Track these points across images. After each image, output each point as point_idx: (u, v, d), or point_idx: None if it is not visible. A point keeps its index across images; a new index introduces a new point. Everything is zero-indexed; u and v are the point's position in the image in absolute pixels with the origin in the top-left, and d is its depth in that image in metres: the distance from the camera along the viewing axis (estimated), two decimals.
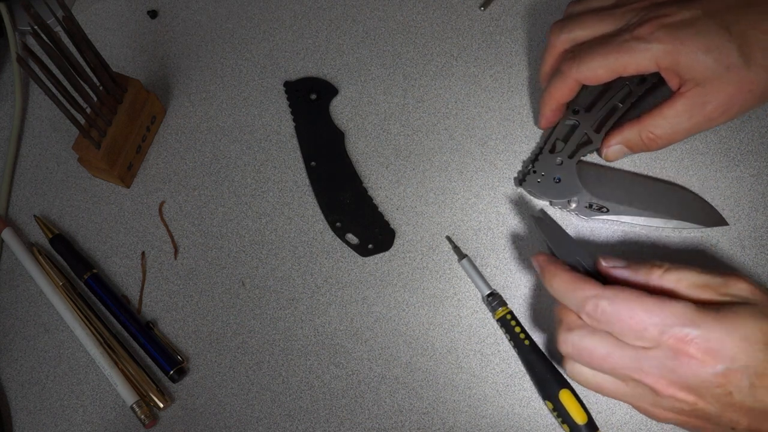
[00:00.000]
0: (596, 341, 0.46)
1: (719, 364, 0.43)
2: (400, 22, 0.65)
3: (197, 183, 0.61)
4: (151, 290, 0.59)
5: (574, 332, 0.46)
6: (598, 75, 0.52)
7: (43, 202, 0.62)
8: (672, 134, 0.52)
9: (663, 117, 0.52)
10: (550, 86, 0.55)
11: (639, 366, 0.45)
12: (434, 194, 0.60)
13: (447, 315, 0.57)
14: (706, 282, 0.46)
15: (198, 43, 0.65)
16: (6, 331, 0.59)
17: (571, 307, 0.47)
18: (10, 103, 0.65)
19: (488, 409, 0.55)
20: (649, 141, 0.53)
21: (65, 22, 0.51)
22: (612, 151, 0.56)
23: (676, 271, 0.47)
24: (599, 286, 0.46)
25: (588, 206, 0.57)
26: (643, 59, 0.50)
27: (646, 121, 0.53)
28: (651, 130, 0.53)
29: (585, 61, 0.52)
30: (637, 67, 0.51)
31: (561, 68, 0.54)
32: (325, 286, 0.58)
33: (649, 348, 0.44)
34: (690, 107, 0.51)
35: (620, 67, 0.51)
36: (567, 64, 0.53)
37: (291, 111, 0.63)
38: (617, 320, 0.45)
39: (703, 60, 0.49)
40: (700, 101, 0.50)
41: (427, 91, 0.62)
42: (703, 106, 0.50)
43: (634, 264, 0.48)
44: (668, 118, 0.52)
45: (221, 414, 0.56)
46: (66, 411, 0.57)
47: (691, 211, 0.57)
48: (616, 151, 0.55)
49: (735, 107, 0.50)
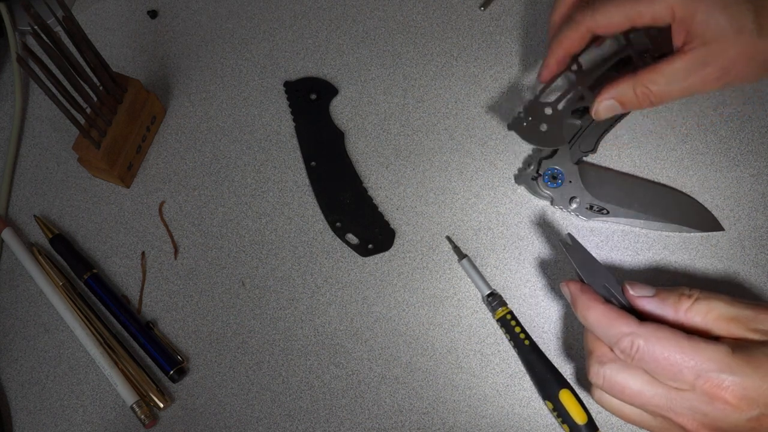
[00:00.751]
0: (629, 377, 0.45)
1: (754, 410, 0.43)
2: (400, 22, 0.65)
3: (197, 183, 0.61)
4: (151, 290, 0.59)
5: (607, 366, 0.46)
6: (613, 23, 0.50)
7: (43, 202, 0.62)
8: (666, 92, 0.51)
9: (660, 73, 0.50)
10: (560, 34, 0.53)
11: (671, 406, 0.44)
12: (434, 194, 0.60)
13: (447, 315, 0.57)
14: (735, 315, 0.45)
15: (198, 43, 0.65)
16: (6, 331, 0.59)
17: (605, 341, 0.46)
18: (10, 103, 0.65)
19: (488, 409, 0.55)
20: (642, 96, 0.51)
21: (65, 22, 0.51)
22: (603, 107, 0.53)
23: (706, 301, 0.46)
24: (635, 322, 0.45)
25: (588, 207, 0.57)
26: (659, 7, 0.49)
27: (643, 75, 0.51)
28: (646, 84, 0.51)
29: (600, 8, 0.50)
30: (652, 15, 0.49)
31: (574, 16, 0.52)
32: (325, 286, 0.58)
33: (683, 390, 0.44)
34: (689, 66, 0.49)
35: (636, 15, 0.49)
36: (581, 12, 0.51)
37: (291, 111, 0.63)
38: (652, 360, 0.44)
39: (718, 18, 0.48)
40: (701, 61, 0.49)
41: (427, 91, 0.62)
42: (703, 67, 0.49)
43: (663, 292, 0.47)
44: (665, 75, 0.50)
45: (221, 414, 0.56)
46: (66, 411, 0.57)
47: (689, 215, 0.57)
48: (608, 107, 0.53)
49: (732, 74, 0.49)
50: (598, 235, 0.58)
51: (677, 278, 0.56)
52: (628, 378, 0.45)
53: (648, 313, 0.47)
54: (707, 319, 0.46)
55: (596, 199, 0.57)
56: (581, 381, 0.55)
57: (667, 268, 0.57)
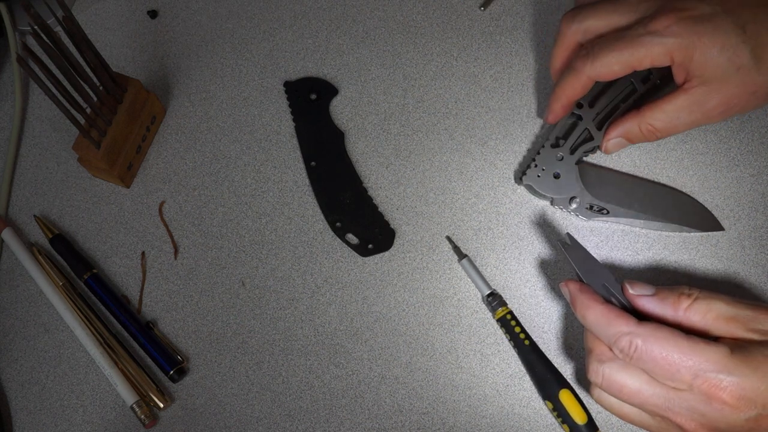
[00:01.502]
0: (628, 376, 0.45)
1: (752, 411, 0.43)
2: (400, 22, 0.65)
3: (197, 183, 0.61)
4: (151, 290, 0.59)
5: (606, 365, 0.46)
6: (613, 71, 0.51)
7: (43, 202, 0.62)
8: (670, 128, 0.52)
9: (663, 111, 0.51)
10: (562, 82, 0.54)
11: (669, 405, 0.44)
12: (434, 194, 0.60)
13: (447, 315, 0.57)
14: (734, 314, 0.45)
15: (198, 43, 0.65)
16: (6, 331, 0.59)
17: (603, 340, 0.47)
18: (10, 103, 0.65)
19: (488, 409, 0.55)
20: (648, 133, 0.53)
21: (65, 22, 0.51)
22: (612, 144, 0.55)
23: (705, 301, 0.46)
24: (633, 322, 0.45)
25: (588, 207, 0.57)
26: (658, 53, 0.49)
27: (646, 113, 0.52)
28: (650, 122, 0.52)
29: (599, 57, 0.51)
30: (652, 61, 0.50)
31: (574, 65, 0.52)
32: (325, 286, 0.58)
33: (681, 390, 0.44)
34: (691, 103, 0.50)
35: (635, 62, 0.50)
36: (581, 61, 0.52)
37: (291, 111, 0.63)
38: (650, 359, 0.44)
39: (716, 58, 0.48)
40: (702, 99, 0.50)
41: (427, 91, 0.62)
42: (704, 104, 0.50)
43: (662, 291, 0.47)
44: (668, 113, 0.51)
45: (221, 414, 0.56)
46: (66, 411, 0.57)
47: (689, 215, 0.57)
48: (616, 143, 0.55)
49: (735, 108, 0.50)
50: (598, 235, 0.58)
51: (677, 278, 0.56)
52: (626, 377, 0.45)
53: (647, 312, 0.47)
54: (706, 318, 0.46)
55: (596, 199, 0.57)
56: (581, 381, 0.55)
57: (667, 268, 0.57)
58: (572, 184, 0.57)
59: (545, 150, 0.58)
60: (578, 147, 0.58)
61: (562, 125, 0.58)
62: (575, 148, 0.58)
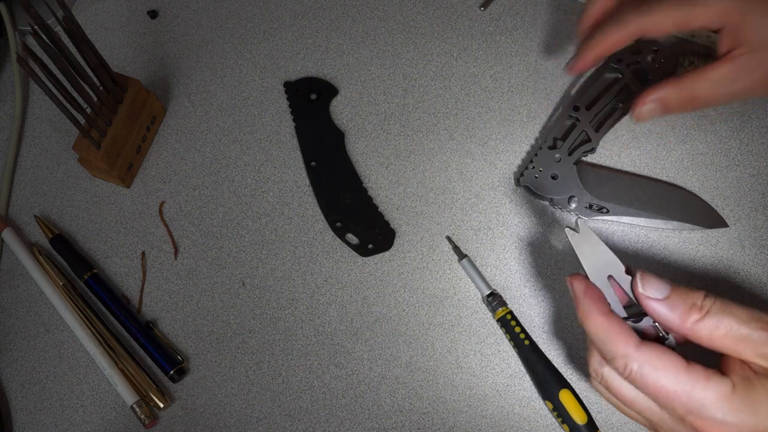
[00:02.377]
0: (624, 385, 0.44)
1: None
2: (400, 22, 0.65)
3: (197, 183, 0.61)
4: (151, 290, 0.59)
5: (606, 368, 0.45)
6: (664, 25, 0.49)
7: (43, 202, 0.62)
8: (710, 97, 0.50)
9: (705, 78, 0.49)
10: (603, 31, 0.51)
11: (661, 424, 0.44)
12: (434, 194, 0.60)
13: (447, 315, 0.57)
14: (745, 336, 0.42)
15: (198, 43, 0.65)
16: (6, 331, 0.59)
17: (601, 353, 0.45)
18: (10, 103, 0.65)
19: (488, 409, 0.55)
20: (686, 101, 0.50)
21: (65, 22, 0.51)
22: (645, 110, 0.51)
23: (716, 317, 0.42)
24: (633, 344, 0.43)
25: (588, 207, 0.57)
26: (712, 13, 0.48)
27: (688, 80, 0.50)
28: (691, 89, 0.50)
29: (655, 9, 0.49)
30: (704, 21, 0.49)
31: (623, 16, 0.50)
32: (325, 286, 0.58)
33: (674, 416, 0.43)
34: (736, 72, 0.49)
35: (689, 19, 0.49)
36: (632, 12, 0.50)
37: (291, 111, 0.63)
38: (643, 386, 0.43)
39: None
40: (748, 67, 0.48)
41: (427, 91, 0.62)
42: (750, 73, 0.48)
43: (674, 297, 0.44)
44: (711, 80, 0.49)
45: (221, 414, 0.56)
46: (66, 411, 0.57)
47: (691, 212, 0.57)
48: (650, 110, 0.51)
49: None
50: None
51: (678, 277, 0.56)
52: (623, 385, 0.45)
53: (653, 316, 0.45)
54: (713, 336, 0.43)
55: (595, 198, 0.57)
56: (581, 381, 0.55)
57: (667, 266, 0.57)
58: (570, 185, 0.57)
59: (542, 152, 0.58)
60: (576, 149, 0.58)
61: (559, 127, 0.58)
62: (573, 149, 0.58)
